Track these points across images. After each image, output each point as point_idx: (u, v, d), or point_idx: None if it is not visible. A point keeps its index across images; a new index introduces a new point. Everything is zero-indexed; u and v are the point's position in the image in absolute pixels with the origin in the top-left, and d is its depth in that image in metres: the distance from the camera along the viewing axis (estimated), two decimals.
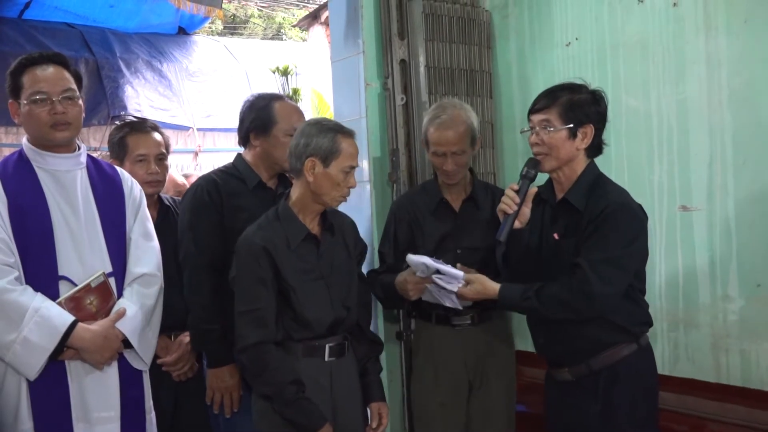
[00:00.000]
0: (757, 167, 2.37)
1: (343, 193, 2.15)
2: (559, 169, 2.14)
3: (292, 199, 2.18)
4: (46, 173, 2.11)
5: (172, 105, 6.71)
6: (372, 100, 3.07)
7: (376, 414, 2.27)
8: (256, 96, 2.53)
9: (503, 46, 3.23)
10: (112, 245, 2.15)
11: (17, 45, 5.77)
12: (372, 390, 2.28)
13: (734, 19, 2.41)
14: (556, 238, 2.13)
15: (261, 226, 2.16)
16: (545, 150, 2.11)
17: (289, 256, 2.11)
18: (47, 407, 2.03)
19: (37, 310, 1.97)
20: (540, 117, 2.11)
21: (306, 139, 2.11)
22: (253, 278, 2.08)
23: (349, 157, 2.12)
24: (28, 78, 2.08)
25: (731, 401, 2.41)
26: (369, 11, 3.06)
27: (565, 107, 2.08)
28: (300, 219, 2.16)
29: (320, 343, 2.15)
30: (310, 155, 2.09)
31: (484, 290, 2.16)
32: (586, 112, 2.10)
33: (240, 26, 13.98)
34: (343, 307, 2.18)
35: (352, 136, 2.16)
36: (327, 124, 2.17)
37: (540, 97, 2.16)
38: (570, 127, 2.08)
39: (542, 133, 2.10)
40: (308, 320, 2.11)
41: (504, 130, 3.24)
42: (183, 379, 2.52)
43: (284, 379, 2.05)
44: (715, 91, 2.47)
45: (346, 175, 2.12)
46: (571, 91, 2.12)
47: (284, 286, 2.10)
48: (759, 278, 2.38)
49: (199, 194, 2.40)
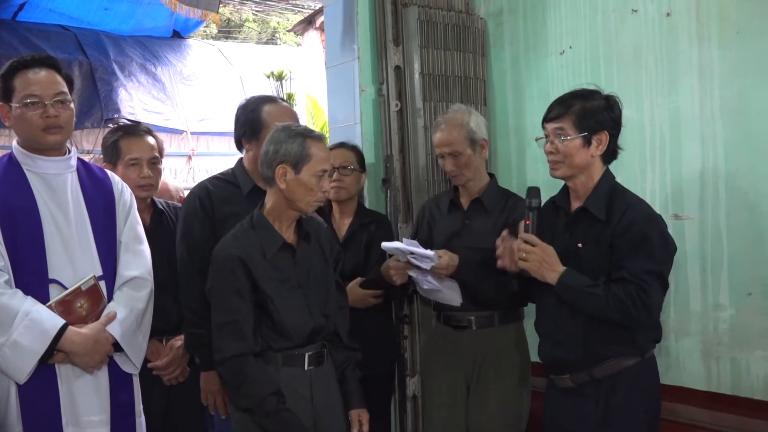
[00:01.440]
0: (748, 177, 2.39)
1: (317, 198, 2.12)
2: (575, 177, 2.13)
3: (266, 208, 2.14)
4: (37, 176, 2.10)
5: (166, 108, 6.70)
6: (366, 106, 3.08)
7: (356, 421, 2.24)
8: (248, 99, 2.53)
9: (498, 54, 3.24)
10: (102, 248, 2.14)
11: (11, 47, 5.74)
12: (351, 397, 2.25)
13: (727, 30, 2.43)
14: (580, 246, 2.11)
15: (236, 236, 2.13)
16: (560, 158, 2.10)
17: (264, 266, 2.09)
18: (37, 411, 2.02)
19: (27, 313, 1.96)
20: (554, 126, 2.10)
21: (275, 146, 2.08)
22: (229, 289, 2.05)
23: (321, 161, 2.09)
24: (20, 81, 2.07)
25: (722, 409, 2.42)
26: (364, 17, 3.07)
27: (578, 115, 2.07)
28: (275, 228, 2.13)
29: (299, 352, 2.12)
30: (281, 162, 2.06)
31: (549, 262, 2.07)
32: (600, 120, 2.08)
33: (234, 30, 13.97)
34: (322, 315, 2.16)
35: (321, 140, 2.13)
36: (295, 129, 2.13)
37: (553, 106, 2.14)
38: (584, 135, 2.07)
39: (557, 141, 2.09)
40: (287, 329, 2.09)
41: (498, 137, 3.24)
42: (174, 383, 2.51)
43: (263, 390, 2.02)
44: (708, 101, 2.48)
45: (318, 179, 2.09)
46: (584, 99, 2.11)
47: (262, 297, 2.08)
48: (750, 287, 2.39)
49: (191, 202, 2.44)
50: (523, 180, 3.14)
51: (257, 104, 2.45)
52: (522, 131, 3.14)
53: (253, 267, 2.06)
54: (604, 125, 2.08)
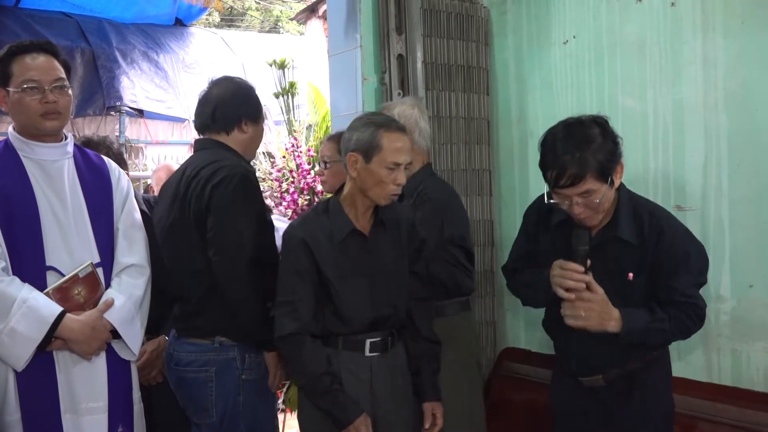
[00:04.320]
0: (751, 169, 2.37)
1: (389, 190, 2.07)
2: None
3: (343, 193, 2.15)
4: (33, 163, 2.09)
5: (168, 96, 6.67)
6: (369, 95, 3.06)
7: (430, 414, 2.20)
8: (239, 80, 2.42)
9: (501, 43, 3.22)
10: (99, 235, 2.12)
11: (13, 34, 5.72)
12: (425, 389, 2.21)
13: (731, 20, 2.41)
14: (630, 278, 1.98)
15: (306, 218, 2.16)
16: (592, 212, 1.93)
17: (330, 251, 2.09)
18: (35, 398, 2.01)
19: (24, 300, 1.95)
20: (577, 190, 1.88)
21: (349, 133, 2.08)
22: (291, 270, 2.09)
23: (392, 152, 2.03)
24: (18, 66, 2.05)
25: (723, 401, 2.41)
26: (367, 6, 3.06)
27: (598, 169, 1.87)
28: (347, 214, 2.12)
29: (361, 338, 2.12)
30: (352, 150, 2.05)
31: (606, 311, 1.92)
32: (613, 158, 1.91)
33: (237, 19, 13.93)
34: (388, 306, 2.14)
35: (397, 131, 2.06)
36: (371, 118, 2.11)
37: (562, 169, 1.86)
38: (609, 180, 1.90)
39: (587, 202, 1.90)
40: (346, 316, 2.10)
41: (500, 127, 3.23)
42: (153, 383, 2.48)
43: (317, 370, 2.05)
44: (711, 92, 2.46)
45: (389, 171, 2.03)
46: (586, 144, 1.87)
47: (324, 281, 2.09)
48: (751, 279, 2.38)
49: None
50: (525, 170, 3.13)
51: (252, 89, 2.39)
52: (524, 121, 3.13)
53: (317, 250, 2.07)
54: (617, 158, 1.92)
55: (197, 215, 2.19)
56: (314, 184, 4.31)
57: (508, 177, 3.22)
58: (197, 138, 2.41)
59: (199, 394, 2.22)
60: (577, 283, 1.91)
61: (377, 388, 2.13)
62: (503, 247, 3.21)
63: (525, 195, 3.09)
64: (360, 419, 2.04)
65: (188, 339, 2.25)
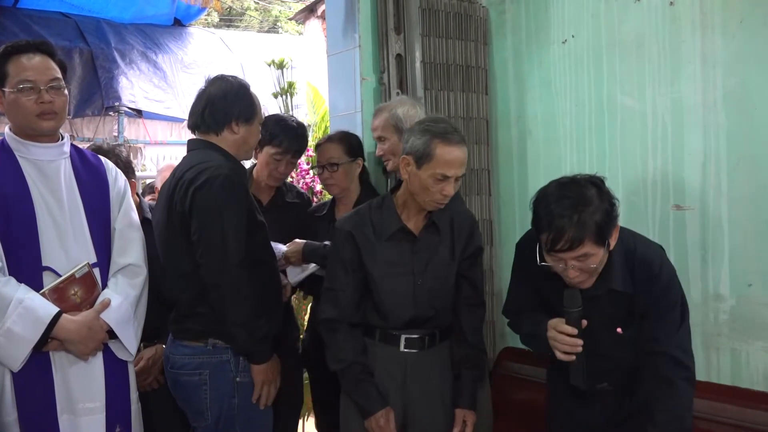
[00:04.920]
0: (750, 167, 2.37)
1: (435, 199, 2.07)
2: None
3: (399, 191, 2.18)
4: (29, 163, 2.08)
5: (167, 97, 6.67)
6: (367, 95, 3.05)
7: (460, 420, 2.18)
8: (234, 78, 2.38)
9: (500, 43, 3.21)
10: (96, 235, 2.12)
11: (12, 34, 5.72)
12: (461, 395, 2.20)
13: (730, 19, 2.40)
14: (620, 332, 1.96)
15: (358, 212, 2.22)
16: (587, 276, 1.88)
17: (376, 246, 2.14)
18: (31, 398, 2.01)
19: (20, 301, 1.95)
20: (574, 254, 1.81)
21: (407, 135, 2.11)
22: (337, 260, 2.18)
23: (443, 164, 2.01)
24: (14, 66, 2.05)
25: (722, 400, 2.40)
26: (366, 5, 3.05)
27: (597, 233, 1.80)
28: (398, 212, 2.15)
29: (397, 333, 2.17)
30: (407, 153, 2.09)
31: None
32: (611, 220, 1.84)
33: (236, 19, 13.93)
34: (429, 307, 2.15)
35: (453, 143, 2.03)
36: (431, 125, 2.09)
37: (562, 231, 1.79)
38: (606, 244, 1.85)
39: (583, 266, 1.84)
40: (384, 311, 2.15)
41: (499, 126, 3.22)
42: (149, 390, 2.47)
43: (348, 357, 2.13)
44: (710, 91, 2.46)
45: (437, 181, 2.03)
46: (583, 205, 1.80)
47: (367, 274, 2.15)
48: (750, 278, 2.37)
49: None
50: (524, 169, 3.12)
51: (246, 88, 2.33)
52: (523, 121, 3.12)
53: (362, 244, 2.14)
54: (615, 221, 1.86)
55: (182, 218, 2.15)
56: (313, 184, 4.30)
57: (507, 176, 3.21)
58: (189, 138, 2.37)
59: (194, 397, 2.20)
60: (572, 347, 1.88)
61: (411, 388, 2.15)
62: (502, 247, 3.21)
63: (524, 194, 3.08)
64: (382, 412, 2.07)
65: (182, 341, 2.23)
